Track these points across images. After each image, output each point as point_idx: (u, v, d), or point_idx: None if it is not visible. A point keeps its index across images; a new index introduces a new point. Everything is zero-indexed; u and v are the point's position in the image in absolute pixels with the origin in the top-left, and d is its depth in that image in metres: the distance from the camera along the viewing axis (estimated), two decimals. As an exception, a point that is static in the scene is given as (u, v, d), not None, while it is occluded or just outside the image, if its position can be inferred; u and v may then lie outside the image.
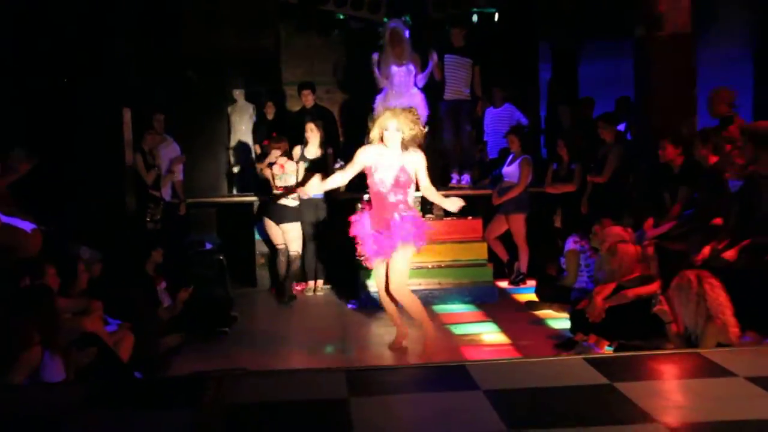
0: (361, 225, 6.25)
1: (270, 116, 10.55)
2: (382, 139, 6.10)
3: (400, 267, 6.13)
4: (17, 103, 7.48)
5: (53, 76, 7.66)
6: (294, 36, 11.29)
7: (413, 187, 6.41)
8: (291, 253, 8.75)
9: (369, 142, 6.31)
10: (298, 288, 8.95)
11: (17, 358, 4.09)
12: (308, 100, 9.92)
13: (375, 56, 9.10)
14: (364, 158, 6.14)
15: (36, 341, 4.21)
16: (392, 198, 6.09)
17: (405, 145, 6.05)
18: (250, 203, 9.54)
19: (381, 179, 6.08)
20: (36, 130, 7.51)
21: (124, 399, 3.46)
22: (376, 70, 9.14)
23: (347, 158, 10.23)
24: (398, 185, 6.07)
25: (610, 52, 10.98)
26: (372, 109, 9.34)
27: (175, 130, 9.54)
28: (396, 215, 6.05)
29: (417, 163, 6.07)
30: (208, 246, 9.06)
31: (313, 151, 8.87)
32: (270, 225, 8.83)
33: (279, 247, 8.82)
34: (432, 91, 9.39)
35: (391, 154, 6.06)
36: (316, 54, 11.30)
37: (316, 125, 8.89)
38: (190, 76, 10.68)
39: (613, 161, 8.25)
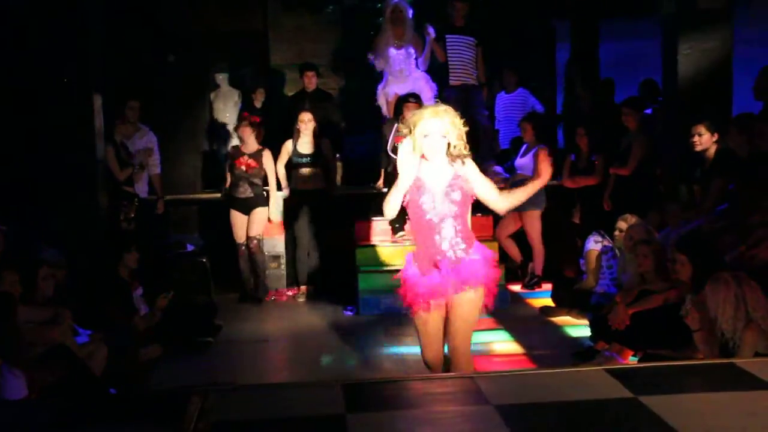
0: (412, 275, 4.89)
1: (258, 104, 10.56)
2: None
3: (468, 317, 4.77)
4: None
5: (15, 59, 7.64)
6: (282, 14, 11.31)
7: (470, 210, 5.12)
8: (256, 239, 8.77)
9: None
10: (289, 293, 8.96)
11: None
12: (311, 82, 9.93)
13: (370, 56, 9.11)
14: (413, 168, 4.74)
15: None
16: (448, 229, 4.75)
17: (452, 155, 4.78)
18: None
19: (430, 204, 4.76)
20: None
21: (97, 417, 3.47)
22: (370, 56, 9.15)
23: (345, 152, 10.44)
24: (453, 210, 4.75)
25: (631, 31, 10.99)
26: (375, 98, 9.36)
27: (152, 119, 9.54)
28: (454, 252, 4.73)
29: (471, 173, 4.82)
30: (190, 247, 9.11)
31: (306, 145, 8.84)
32: (236, 216, 8.80)
33: (241, 241, 8.78)
34: (435, 77, 9.42)
35: (437, 168, 4.79)
36: (307, 34, 11.32)
37: (313, 114, 8.87)
38: (170, 59, 10.69)
39: (638, 151, 8.25)
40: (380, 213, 8.31)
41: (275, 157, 8.83)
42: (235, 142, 9.56)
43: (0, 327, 4.48)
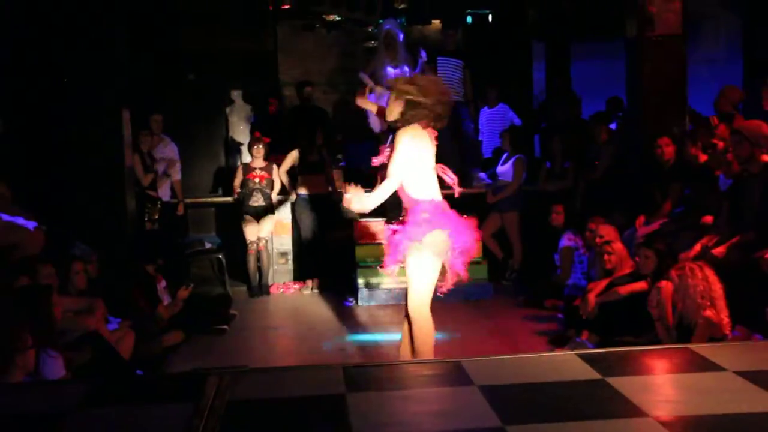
0: None
1: (272, 110, 10.53)
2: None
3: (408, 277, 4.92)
4: (17, 104, 7.48)
5: (52, 76, 7.64)
6: (290, 37, 11.32)
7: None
8: (264, 240, 8.79)
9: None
10: (296, 286, 8.96)
11: (12, 359, 4.09)
12: (310, 97, 9.96)
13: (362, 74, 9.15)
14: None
15: (29, 344, 4.19)
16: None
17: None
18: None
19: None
20: (36, 131, 7.52)
21: (125, 395, 3.47)
22: (362, 74, 9.16)
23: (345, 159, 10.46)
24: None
25: (602, 52, 11.02)
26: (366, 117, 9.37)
27: (174, 131, 9.57)
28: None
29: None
30: (207, 245, 9.11)
31: (312, 155, 8.90)
32: (249, 221, 8.79)
33: (251, 240, 8.75)
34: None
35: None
36: (312, 55, 11.33)
37: (313, 126, 8.91)
38: (190, 77, 10.70)
39: (607, 160, 8.30)
40: (377, 214, 8.40)
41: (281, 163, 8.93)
42: (246, 151, 9.53)
43: (39, 314, 4.49)
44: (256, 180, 8.87)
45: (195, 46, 10.52)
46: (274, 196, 9.02)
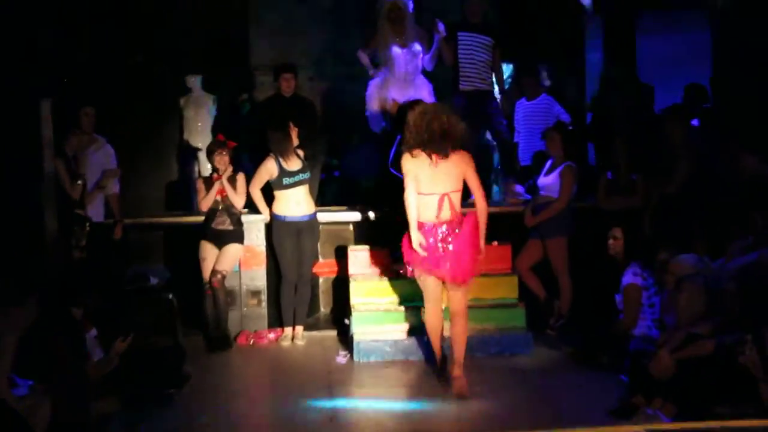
0: None
1: (239, 109, 10.52)
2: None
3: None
4: None
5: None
6: (266, 6, 11.32)
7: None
8: (222, 274, 8.77)
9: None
10: (271, 336, 8.90)
11: None
12: (288, 86, 9.83)
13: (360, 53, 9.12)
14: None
15: None
16: None
17: None
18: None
19: None
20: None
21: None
22: (361, 53, 9.11)
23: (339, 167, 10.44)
24: None
25: (679, 25, 10.97)
26: (365, 100, 9.34)
27: (111, 130, 9.57)
28: None
29: None
30: (153, 281, 9.08)
31: (295, 162, 8.83)
32: (206, 248, 8.79)
33: (214, 277, 8.75)
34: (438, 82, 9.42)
35: None
36: (295, 30, 11.32)
37: (294, 125, 8.86)
38: (137, 59, 10.69)
39: (685, 169, 8.24)
40: (379, 241, 8.36)
41: (249, 179, 8.90)
42: (205, 157, 9.47)
43: None
44: (219, 197, 8.85)
45: (140, 20, 10.50)
46: (244, 217, 9.00)
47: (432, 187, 6.87)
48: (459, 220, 6.93)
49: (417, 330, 8.07)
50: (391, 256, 8.58)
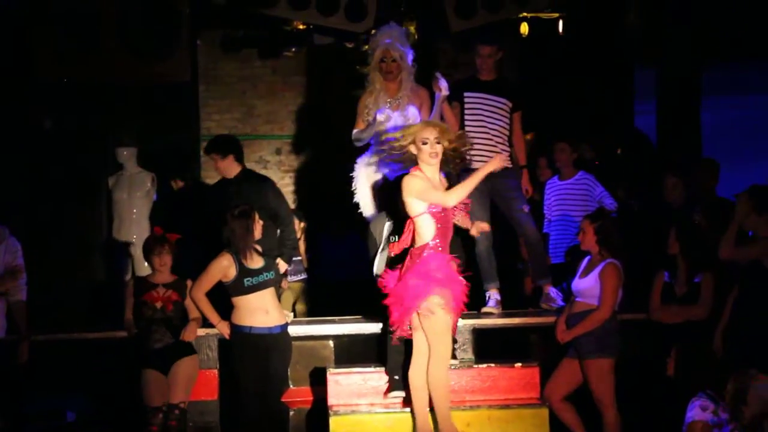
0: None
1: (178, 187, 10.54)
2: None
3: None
4: None
5: None
6: (220, 57, 11.40)
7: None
8: (180, 408, 8.71)
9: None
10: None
11: None
12: (228, 169, 9.77)
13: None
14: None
15: None
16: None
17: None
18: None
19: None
20: None
21: None
22: (356, 134, 9.14)
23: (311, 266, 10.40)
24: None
25: (738, 84, 11.06)
26: (350, 182, 9.32)
27: (16, 217, 9.54)
28: None
29: None
30: (71, 417, 8.94)
31: (258, 258, 8.82)
32: (151, 377, 8.68)
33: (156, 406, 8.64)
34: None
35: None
36: (257, 88, 11.40)
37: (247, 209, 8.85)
38: (46, 125, 10.70)
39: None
40: (367, 361, 8.32)
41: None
42: (140, 254, 9.44)
43: None
44: (158, 305, 8.79)
45: (56, 74, 10.51)
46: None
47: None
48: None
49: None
50: (387, 380, 8.52)
